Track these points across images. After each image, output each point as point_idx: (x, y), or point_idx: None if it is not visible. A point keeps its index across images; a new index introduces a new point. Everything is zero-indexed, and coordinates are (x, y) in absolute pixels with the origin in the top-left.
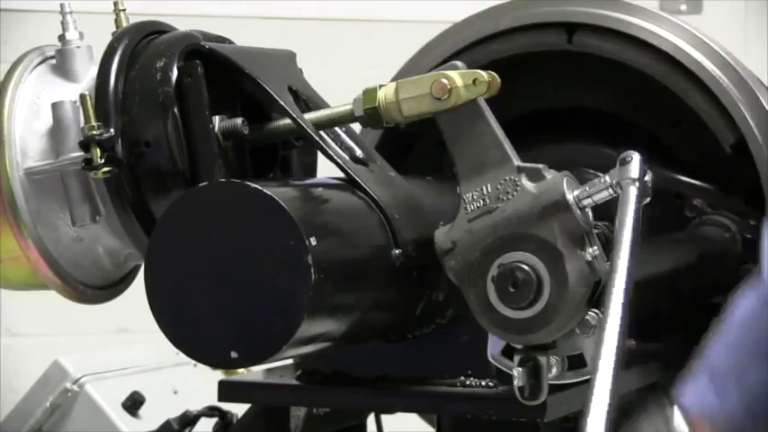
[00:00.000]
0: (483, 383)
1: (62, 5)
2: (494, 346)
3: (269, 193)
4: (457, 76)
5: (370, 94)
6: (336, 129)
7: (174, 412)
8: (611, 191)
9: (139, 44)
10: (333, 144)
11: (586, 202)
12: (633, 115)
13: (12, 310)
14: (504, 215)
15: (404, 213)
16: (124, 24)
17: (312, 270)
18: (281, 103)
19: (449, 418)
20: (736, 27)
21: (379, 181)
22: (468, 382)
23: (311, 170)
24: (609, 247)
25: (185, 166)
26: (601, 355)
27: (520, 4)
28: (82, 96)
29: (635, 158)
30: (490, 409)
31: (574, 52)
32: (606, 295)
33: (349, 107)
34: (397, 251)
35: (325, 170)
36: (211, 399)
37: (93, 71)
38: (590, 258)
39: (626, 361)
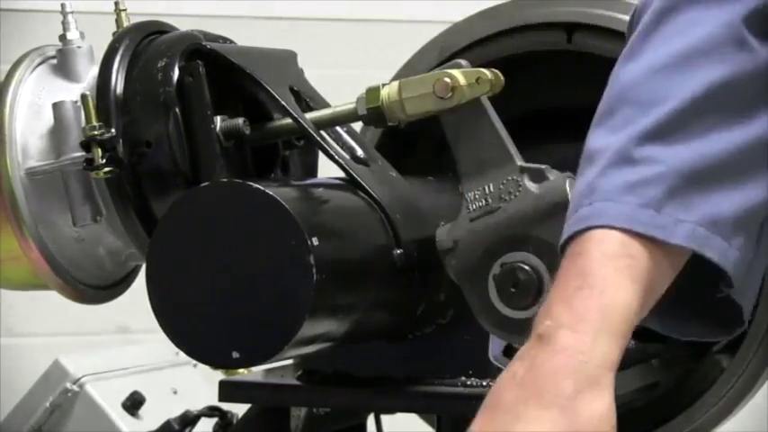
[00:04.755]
0: (483, 383)
1: (63, 5)
2: (495, 346)
3: (271, 193)
4: (460, 74)
5: (373, 93)
6: (338, 128)
7: (174, 412)
8: None
9: (140, 44)
10: (334, 144)
11: None
12: None
13: (12, 310)
14: (506, 215)
15: (405, 213)
16: (125, 24)
17: (314, 270)
18: (283, 102)
19: (449, 418)
20: None
21: (380, 181)
22: (468, 382)
23: (312, 170)
24: None
25: (187, 166)
26: None
27: (519, 5)
28: (83, 96)
29: None
30: None
31: (574, 52)
32: None
33: (351, 106)
34: (398, 251)
35: (327, 170)
36: (211, 399)
37: (94, 71)
38: None
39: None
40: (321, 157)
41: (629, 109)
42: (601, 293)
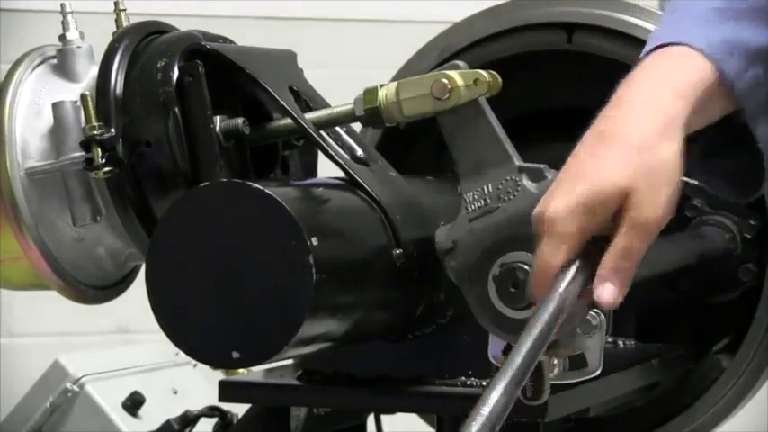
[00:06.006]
0: (483, 383)
1: (62, 5)
2: (494, 346)
3: (270, 193)
4: (458, 76)
5: (370, 93)
6: (337, 128)
7: (174, 412)
8: None
9: (140, 44)
10: (334, 144)
11: None
12: None
13: (12, 310)
14: (506, 215)
15: (405, 213)
16: (125, 24)
17: (314, 270)
18: (282, 102)
19: (449, 418)
20: None
21: (379, 181)
22: (468, 382)
23: (312, 170)
24: None
25: (186, 167)
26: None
27: (519, 4)
28: (83, 96)
29: None
30: None
31: (573, 52)
32: None
33: (350, 107)
34: (398, 251)
35: (326, 170)
36: (211, 399)
37: (94, 71)
38: None
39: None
40: (321, 157)
41: None
42: (669, 66)
